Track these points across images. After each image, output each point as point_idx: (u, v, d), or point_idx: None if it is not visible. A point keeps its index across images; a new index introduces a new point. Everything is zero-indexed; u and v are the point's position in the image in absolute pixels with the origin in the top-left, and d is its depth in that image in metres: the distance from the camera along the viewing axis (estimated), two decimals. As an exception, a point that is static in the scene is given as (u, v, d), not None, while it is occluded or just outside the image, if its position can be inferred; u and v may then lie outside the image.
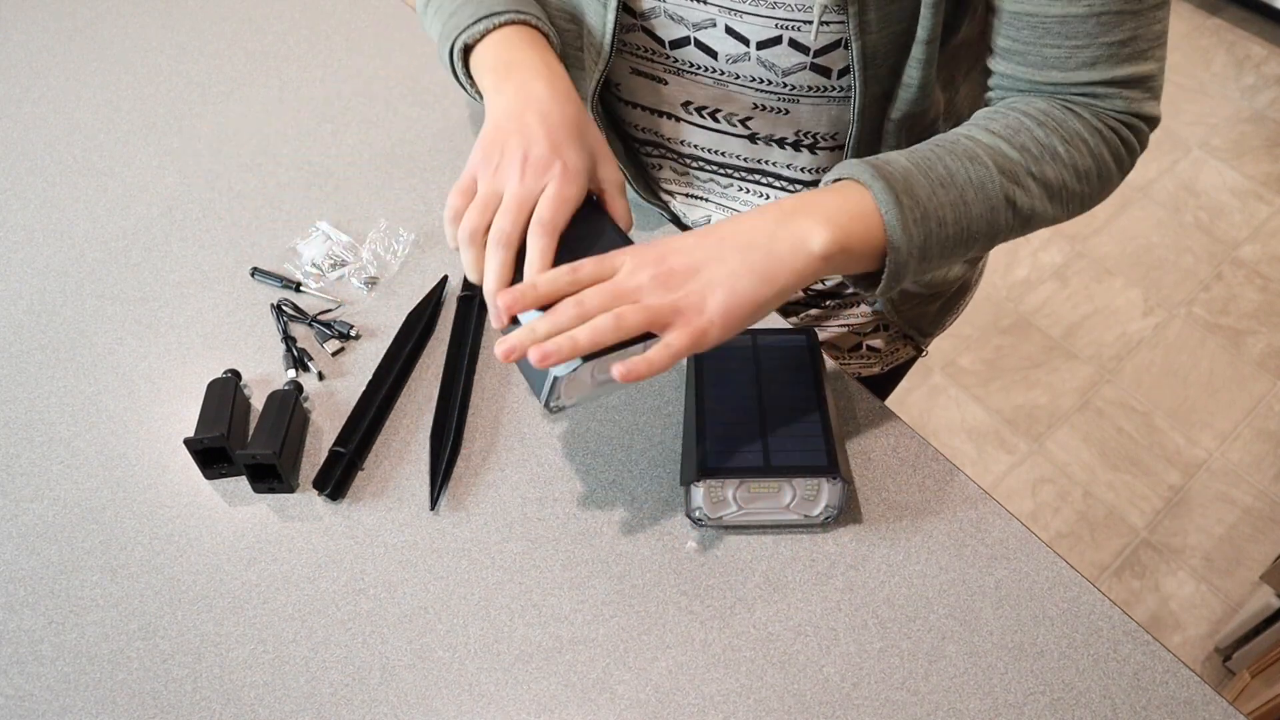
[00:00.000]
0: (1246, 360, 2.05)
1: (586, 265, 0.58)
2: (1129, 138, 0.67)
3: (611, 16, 0.69)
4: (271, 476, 0.72)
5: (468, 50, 0.69)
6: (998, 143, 0.63)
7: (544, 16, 0.71)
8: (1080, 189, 0.66)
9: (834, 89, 0.71)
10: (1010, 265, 2.22)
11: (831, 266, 0.59)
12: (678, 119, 0.79)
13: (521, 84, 0.65)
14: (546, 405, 0.61)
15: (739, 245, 0.58)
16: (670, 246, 0.58)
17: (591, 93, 0.75)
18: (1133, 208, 2.32)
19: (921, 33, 0.64)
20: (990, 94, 0.71)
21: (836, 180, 0.62)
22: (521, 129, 0.62)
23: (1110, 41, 0.63)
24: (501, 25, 0.68)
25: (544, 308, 0.58)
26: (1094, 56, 0.63)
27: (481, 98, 0.69)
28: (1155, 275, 2.20)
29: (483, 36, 0.68)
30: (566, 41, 0.76)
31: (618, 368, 0.55)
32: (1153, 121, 0.68)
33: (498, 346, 0.56)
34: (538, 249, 0.59)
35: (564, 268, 0.58)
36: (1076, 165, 0.65)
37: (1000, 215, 0.63)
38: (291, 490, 0.73)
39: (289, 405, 0.74)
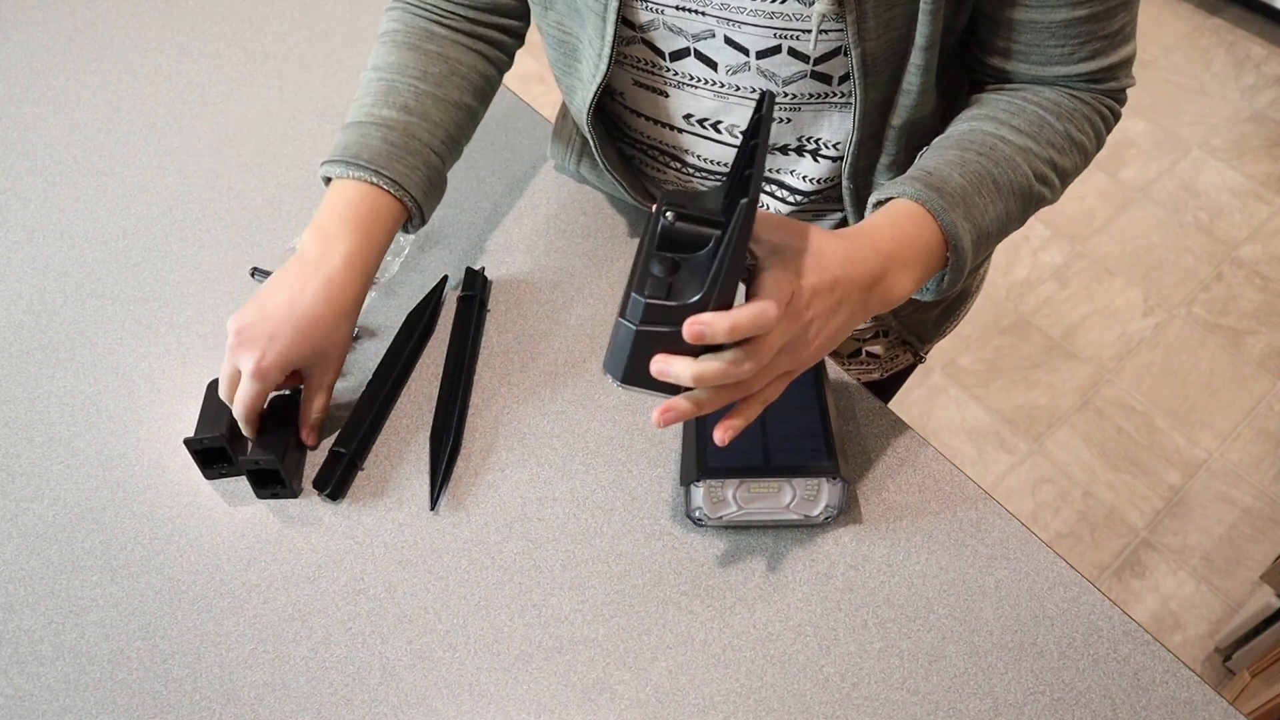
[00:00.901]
0: (1246, 360, 2.05)
1: (769, 312, 0.54)
2: (1116, 109, 0.73)
3: (610, 30, 0.69)
4: (275, 482, 0.72)
5: (328, 179, 0.76)
6: (1027, 142, 0.68)
7: (408, 166, 0.75)
8: (1081, 167, 0.73)
9: (835, 95, 0.71)
10: (1010, 265, 2.22)
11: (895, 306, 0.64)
12: (680, 130, 0.79)
13: (306, 266, 0.72)
14: (616, 380, 0.59)
15: (851, 291, 0.60)
16: (809, 283, 0.57)
17: (589, 103, 0.75)
18: (1133, 208, 2.32)
19: (920, 39, 0.64)
20: (987, 86, 0.73)
21: (894, 198, 0.65)
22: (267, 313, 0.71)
23: (1107, 34, 0.67)
24: (354, 177, 0.74)
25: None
26: (1094, 50, 0.67)
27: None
28: (1155, 275, 2.20)
29: (340, 176, 0.75)
30: (564, 52, 0.76)
31: (732, 424, 0.58)
32: (1128, 90, 0.74)
33: (656, 367, 0.55)
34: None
35: (760, 320, 0.53)
36: (1085, 147, 0.71)
37: (1029, 212, 0.70)
38: (295, 495, 0.73)
39: (290, 410, 0.74)
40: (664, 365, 0.54)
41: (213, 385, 0.76)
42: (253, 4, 1.14)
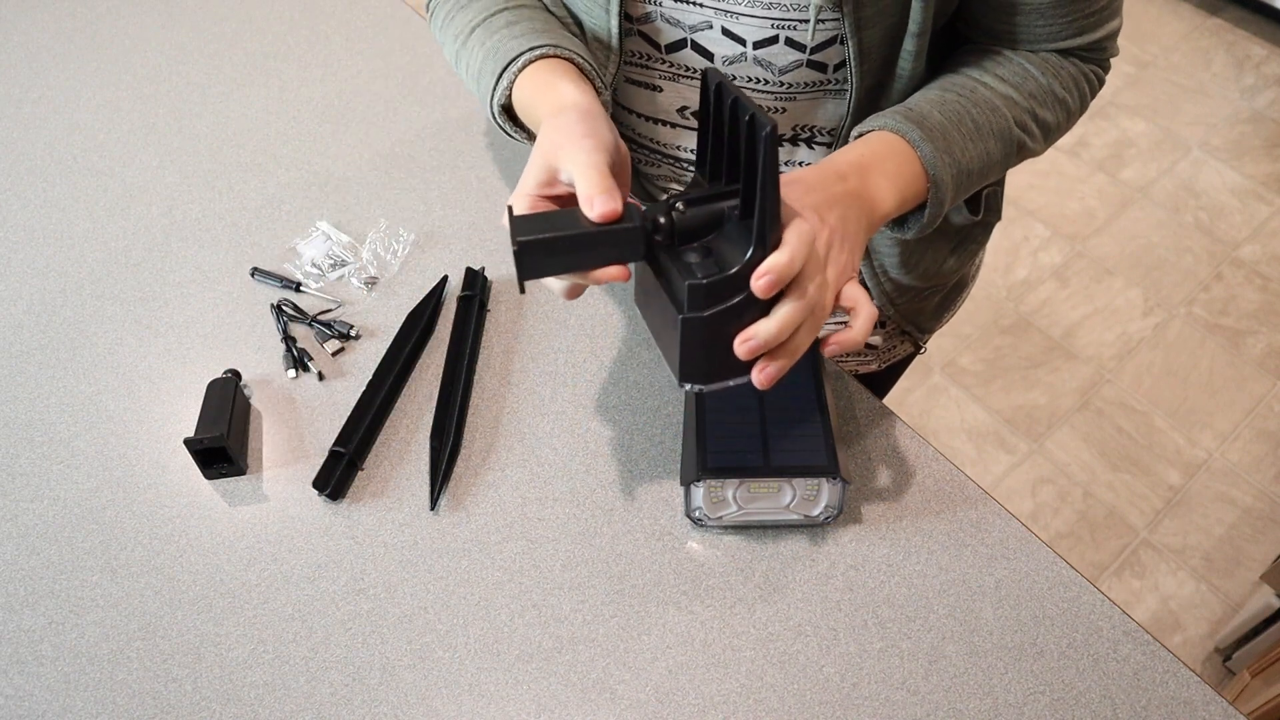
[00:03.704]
0: (1246, 360, 2.05)
1: (807, 230, 0.55)
2: (1102, 75, 0.75)
3: (615, 23, 0.69)
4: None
5: (506, 109, 0.70)
6: (1009, 90, 0.69)
7: (545, 29, 0.70)
8: (1065, 125, 0.74)
9: (830, 83, 0.71)
10: (1010, 265, 2.22)
11: (886, 220, 0.65)
12: (674, 125, 0.79)
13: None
14: (683, 386, 0.59)
15: (844, 199, 0.61)
16: (809, 201, 0.59)
17: (609, 93, 0.75)
18: (1133, 208, 2.32)
19: (913, 26, 0.65)
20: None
21: (874, 130, 0.66)
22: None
23: (1094, 10, 0.68)
24: (515, 77, 0.67)
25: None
26: (1081, 27, 0.69)
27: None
28: (1155, 275, 2.20)
29: (508, 95, 0.68)
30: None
31: (830, 349, 0.60)
32: (1112, 60, 0.76)
33: (743, 344, 0.54)
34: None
35: (804, 239, 0.54)
36: (1068, 104, 0.73)
37: (1010, 159, 0.71)
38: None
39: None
40: (751, 338, 0.54)
41: (213, 385, 0.76)
42: (253, 4, 1.14)
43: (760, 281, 0.52)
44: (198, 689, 0.64)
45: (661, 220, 0.55)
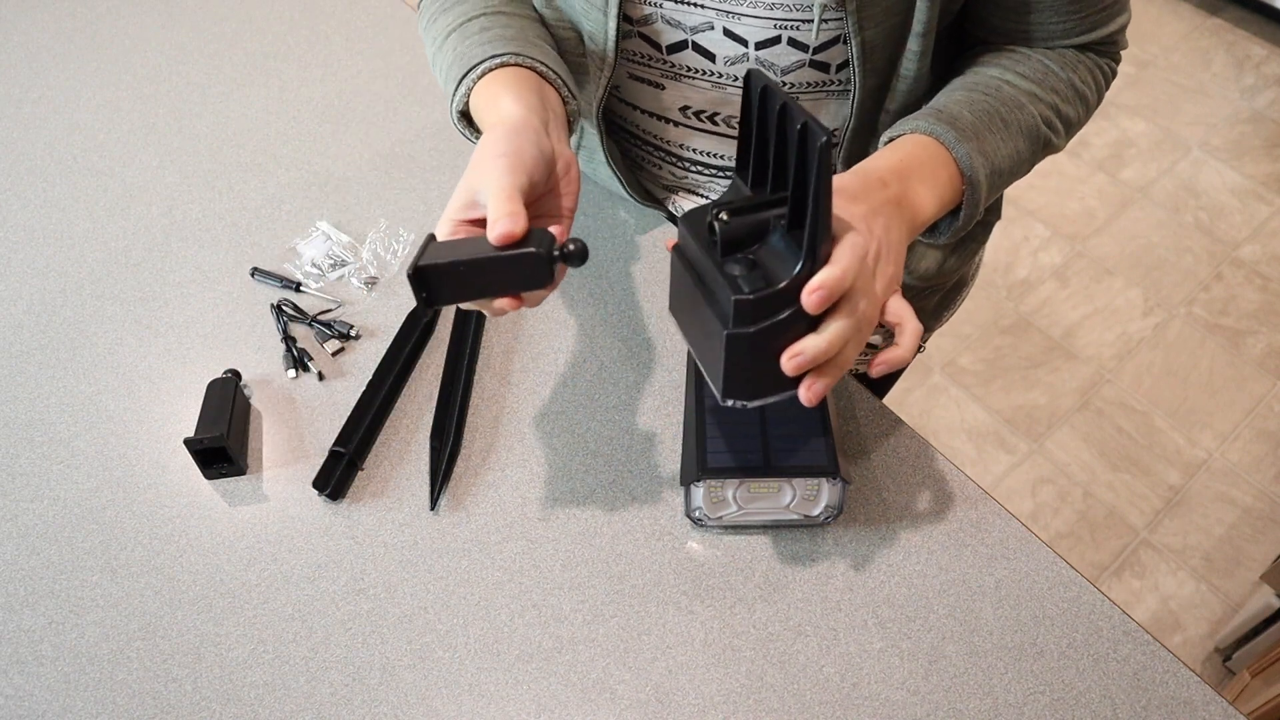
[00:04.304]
0: (1246, 360, 2.05)
1: (860, 244, 0.54)
2: (1114, 69, 0.75)
3: (613, 25, 0.69)
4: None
5: (466, 115, 0.70)
6: (1032, 88, 0.69)
7: (515, 36, 0.70)
8: (1084, 120, 0.74)
9: (833, 83, 0.71)
10: (1010, 265, 2.22)
11: (925, 226, 0.64)
12: (676, 124, 0.79)
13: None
14: (728, 402, 0.57)
15: (887, 207, 0.59)
16: (854, 211, 0.57)
17: (598, 101, 0.75)
18: (1133, 208, 2.32)
19: (917, 25, 0.65)
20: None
21: (906, 133, 0.65)
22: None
23: (1103, 5, 0.68)
24: (474, 85, 0.67)
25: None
26: (1093, 23, 0.69)
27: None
28: (1155, 275, 2.20)
29: (465, 104, 0.68)
30: (568, 49, 0.76)
31: (878, 369, 0.58)
32: (1124, 49, 0.76)
33: (791, 360, 0.53)
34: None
35: (856, 253, 0.53)
36: (1087, 98, 0.72)
37: (1037, 156, 0.70)
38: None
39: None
40: (797, 355, 0.52)
41: (213, 385, 0.76)
42: (253, 4, 1.14)
43: (812, 297, 0.50)
44: (198, 689, 0.64)
45: (716, 228, 0.53)
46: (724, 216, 0.53)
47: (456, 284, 0.55)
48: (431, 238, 0.57)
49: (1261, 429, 1.94)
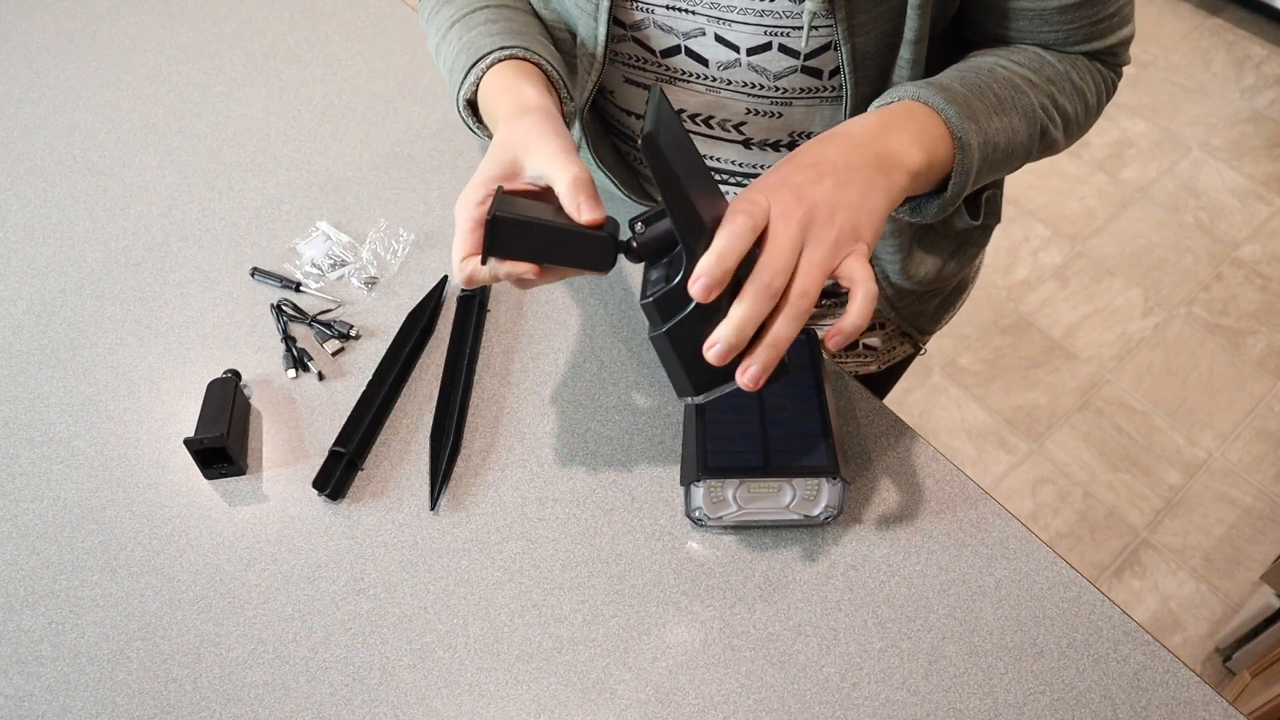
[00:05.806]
0: (1246, 360, 2.05)
1: (741, 222, 0.51)
2: (1115, 80, 0.74)
3: (603, 30, 0.69)
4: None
5: (471, 104, 0.70)
6: (1027, 74, 0.68)
7: (522, 31, 0.70)
8: (1083, 120, 0.72)
9: (826, 89, 0.71)
10: (1010, 265, 2.22)
11: (914, 185, 0.61)
12: None
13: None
14: (688, 399, 0.58)
15: (851, 165, 0.57)
16: (796, 179, 0.55)
17: (584, 102, 0.76)
18: (1133, 208, 2.32)
19: (909, 34, 0.65)
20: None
21: (896, 100, 0.63)
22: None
23: (1103, 18, 0.68)
24: (483, 74, 0.67)
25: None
26: (1090, 34, 0.69)
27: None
28: (1155, 275, 2.20)
29: (473, 92, 0.68)
30: (564, 50, 0.76)
31: (834, 340, 0.55)
32: (1126, 65, 0.75)
33: (709, 350, 0.52)
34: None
35: (735, 232, 0.51)
36: (1085, 95, 0.71)
37: (1035, 142, 0.68)
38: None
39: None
40: (714, 344, 0.52)
41: (213, 385, 0.76)
42: (253, 4, 1.14)
43: (695, 287, 0.50)
44: (198, 689, 0.64)
45: (631, 240, 0.55)
46: (639, 228, 0.55)
47: (524, 242, 0.55)
48: (500, 189, 0.57)
49: (1261, 429, 1.94)
